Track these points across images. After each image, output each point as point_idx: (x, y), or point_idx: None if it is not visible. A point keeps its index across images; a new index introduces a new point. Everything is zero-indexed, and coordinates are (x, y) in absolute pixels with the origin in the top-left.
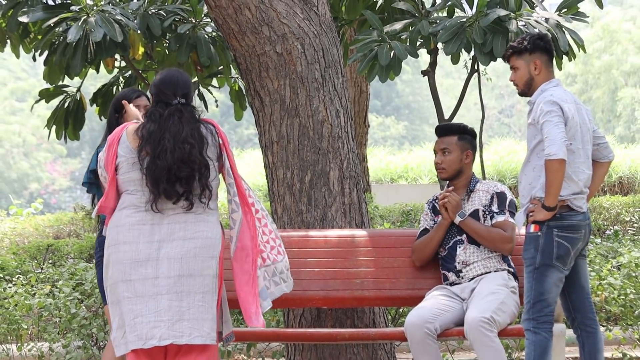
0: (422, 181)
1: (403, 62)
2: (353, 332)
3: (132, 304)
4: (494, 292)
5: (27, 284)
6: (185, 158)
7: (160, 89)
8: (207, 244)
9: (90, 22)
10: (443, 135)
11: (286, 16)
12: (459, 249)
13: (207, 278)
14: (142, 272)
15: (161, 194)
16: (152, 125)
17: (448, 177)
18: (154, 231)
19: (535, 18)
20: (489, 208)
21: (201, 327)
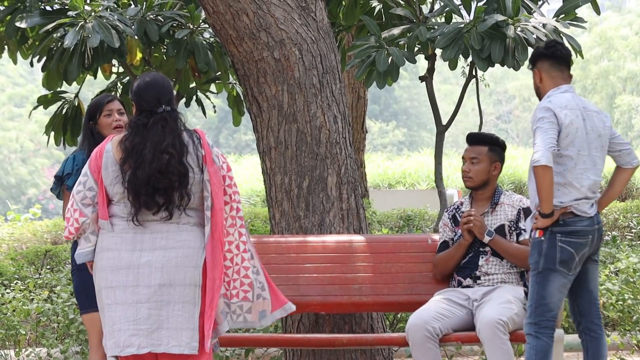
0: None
1: (401, 68)
2: (351, 338)
3: (112, 311)
4: (510, 301)
5: (25, 290)
6: (164, 169)
7: (142, 97)
8: (189, 254)
9: (87, 27)
10: (474, 144)
11: (284, 22)
12: (481, 260)
13: (188, 288)
14: (122, 279)
15: (142, 206)
16: (135, 136)
17: (473, 187)
18: (136, 240)
19: (533, 24)
20: (516, 224)
21: (180, 336)
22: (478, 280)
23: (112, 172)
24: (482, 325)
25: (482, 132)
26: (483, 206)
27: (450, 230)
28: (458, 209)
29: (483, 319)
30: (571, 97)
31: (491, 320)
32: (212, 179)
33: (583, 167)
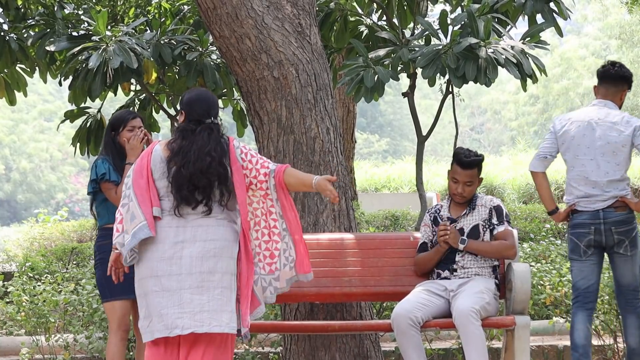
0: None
1: (386, 84)
2: (342, 324)
3: (160, 297)
4: (482, 291)
5: (54, 283)
6: (204, 169)
7: (193, 107)
8: (225, 245)
9: (109, 50)
10: (468, 168)
11: (282, 45)
12: (457, 256)
13: (226, 275)
14: (167, 269)
15: (182, 200)
16: (183, 140)
17: (463, 203)
18: (179, 233)
19: (502, 46)
20: (489, 221)
21: (220, 317)
22: (455, 273)
23: (159, 167)
24: (457, 313)
25: (473, 158)
26: (461, 209)
27: (430, 232)
28: (438, 212)
29: (458, 307)
30: (590, 110)
31: (465, 309)
32: (235, 176)
33: (581, 170)
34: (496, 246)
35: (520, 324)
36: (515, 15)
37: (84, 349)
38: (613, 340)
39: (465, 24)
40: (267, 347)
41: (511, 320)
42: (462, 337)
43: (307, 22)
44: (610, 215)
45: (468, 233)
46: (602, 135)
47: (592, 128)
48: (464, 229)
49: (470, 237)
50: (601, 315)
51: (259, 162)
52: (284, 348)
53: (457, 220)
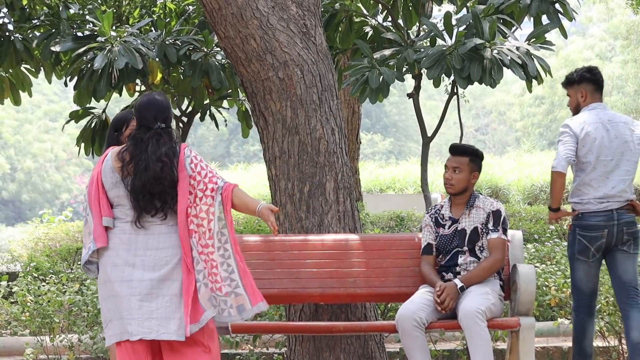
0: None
1: (391, 85)
2: (347, 325)
3: (110, 302)
4: (488, 292)
5: (58, 283)
6: (158, 175)
7: (141, 113)
8: (176, 253)
9: (114, 51)
10: (457, 154)
11: (287, 45)
12: (460, 259)
13: (176, 282)
14: (119, 275)
15: (142, 210)
16: (134, 148)
17: (454, 193)
18: (132, 240)
19: (507, 47)
20: (486, 225)
21: (168, 325)
22: (458, 276)
23: (110, 177)
24: (463, 314)
25: (464, 144)
26: (461, 209)
27: (433, 232)
28: (439, 212)
29: (464, 308)
30: (595, 112)
31: (471, 310)
32: (180, 183)
33: (604, 170)
34: (487, 269)
35: (525, 325)
36: (521, 16)
37: (88, 350)
38: (618, 341)
39: (470, 24)
40: (272, 348)
41: (516, 321)
42: (467, 338)
43: (312, 23)
44: (623, 217)
45: (470, 234)
46: (617, 135)
47: (607, 129)
48: (465, 230)
49: (471, 240)
50: (606, 317)
51: (207, 176)
52: (288, 349)
53: (458, 221)
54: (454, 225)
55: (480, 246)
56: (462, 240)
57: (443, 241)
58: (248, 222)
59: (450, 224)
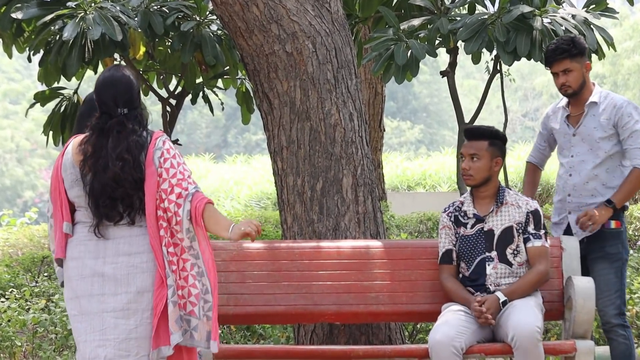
0: (441, 189)
1: (421, 62)
2: (368, 350)
3: (78, 322)
4: (534, 307)
5: (20, 299)
6: (118, 177)
7: (99, 95)
8: (152, 258)
9: (87, 19)
10: (473, 139)
11: (296, 13)
12: (488, 268)
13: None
14: (88, 288)
15: (102, 217)
16: (96, 140)
17: (475, 185)
18: (99, 246)
19: (561, 15)
20: (525, 228)
21: (149, 346)
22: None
23: (70, 174)
24: (518, 332)
25: (481, 126)
26: (487, 205)
27: (453, 235)
28: (459, 210)
29: (518, 326)
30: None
31: (529, 327)
32: (147, 181)
33: None
34: (534, 283)
35: (582, 350)
36: None
37: None
38: None
39: None
40: None
41: (571, 345)
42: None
43: None
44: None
45: (499, 237)
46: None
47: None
48: (493, 231)
49: (502, 242)
50: None
51: (176, 176)
52: None
53: (484, 220)
54: (479, 225)
55: (514, 249)
56: (489, 243)
57: (465, 244)
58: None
59: (474, 222)
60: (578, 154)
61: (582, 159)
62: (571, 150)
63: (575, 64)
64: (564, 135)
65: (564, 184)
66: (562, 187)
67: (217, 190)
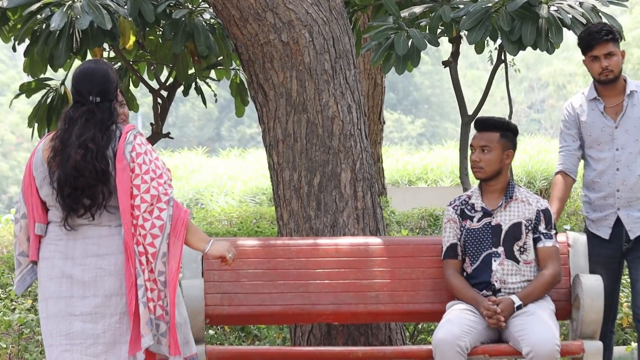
0: (443, 183)
1: (422, 51)
2: (367, 351)
3: (45, 324)
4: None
5: (5, 298)
6: (78, 165)
7: (75, 88)
8: (122, 260)
9: (76, 7)
10: (484, 130)
11: (292, 1)
12: (494, 264)
13: (125, 297)
14: (56, 290)
15: (69, 209)
16: (64, 132)
17: (485, 178)
18: (68, 247)
19: (568, 2)
20: (535, 227)
21: (118, 351)
22: (498, 294)
23: (40, 172)
24: (537, 350)
25: (492, 117)
26: (496, 199)
27: (458, 229)
28: (466, 203)
29: (537, 343)
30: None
31: (549, 346)
32: (118, 176)
33: None
34: (548, 285)
35: (591, 351)
36: None
37: None
38: None
39: None
40: None
41: (579, 346)
42: None
43: None
44: None
45: (506, 232)
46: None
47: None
48: (501, 226)
49: (509, 238)
50: None
51: (149, 173)
52: None
53: (492, 214)
54: (486, 219)
55: (521, 247)
56: (496, 238)
57: (470, 237)
58: (244, 221)
59: (482, 216)
60: (624, 146)
61: (630, 151)
62: (614, 143)
63: (616, 49)
64: (602, 128)
65: (609, 179)
66: (608, 183)
67: (211, 186)
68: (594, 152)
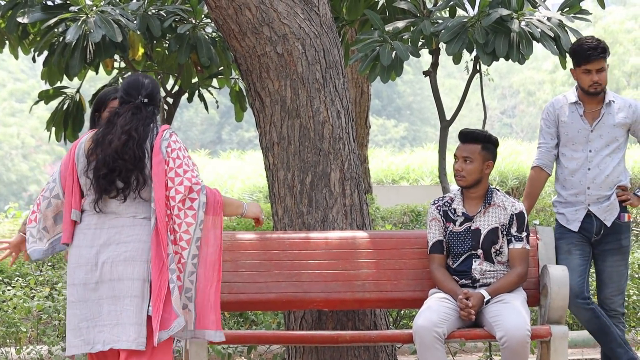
0: (424, 182)
1: (405, 62)
2: (354, 335)
3: (76, 308)
4: (522, 303)
5: (26, 287)
6: (119, 149)
7: (125, 91)
8: (139, 247)
9: (89, 22)
10: (467, 142)
11: (287, 16)
12: (474, 263)
13: (137, 282)
14: (83, 276)
15: (102, 191)
16: (106, 127)
17: (466, 186)
18: (95, 235)
19: (537, 17)
20: (508, 229)
21: (128, 331)
22: (476, 283)
23: (81, 163)
24: (509, 335)
25: (475, 130)
26: (475, 205)
27: (442, 227)
28: (449, 206)
29: (510, 329)
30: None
31: (521, 332)
32: (154, 169)
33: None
34: (514, 283)
35: (557, 335)
36: None
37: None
38: None
39: None
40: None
41: (547, 330)
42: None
43: None
44: None
45: (485, 236)
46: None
47: None
48: (480, 230)
49: (487, 242)
50: None
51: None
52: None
53: (472, 219)
54: (467, 224)
55: (497, 249)
56: (475, 242)
57: (453, 240)
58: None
59: (463, 220)
60: (596, 149)
61: (601, 154)
62: (588, 145)
63: (606, 65)
64: (579, 130)
65: (581, 177)
66: (579, 181)
67: (212, 184)
68: (568, 150)
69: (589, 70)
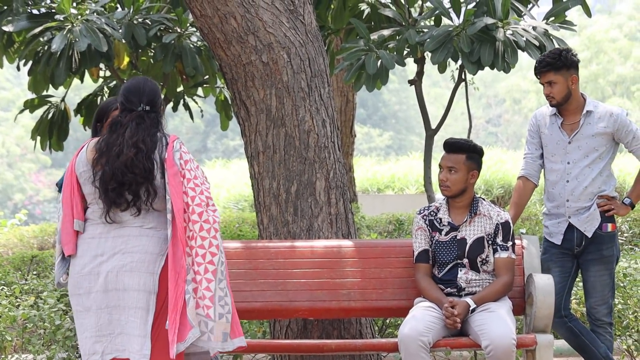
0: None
1: (390, 71)
2: (340, 343)
3: (81, 318)
4: (508, 312)
5: (11, 296)
6: (129, 163)
7: (126, 97)
8: (145, 259)
9: (74, 31)
10: (451, 152)
11: (272, 25)
12: (460, 272)
13: (142, 294)
14: (87, 286)
15: (111, 203)
16: (110, 135)
17: (451, 196)
18: (100, 245)
19: (522, 26)
20: (494, 239)
21: (132, 342)
22: (462, 292)
23: (83, 172)
24: (495, 344)
25: (459, 139)
26: (461, 215)
27: (429, 236)
28: (435, 215)
29: (496, 338)
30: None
31: (506, 341)
32: (171, 180)
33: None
34: (500, 292)
35: (543, 344)
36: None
37: None
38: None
39: (480, 2)
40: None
41: (532, 339)
42: None
43: (300, 0)
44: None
45: (471, 245)
46: None
47: None
48: (466, 240)
49: (473, 251)
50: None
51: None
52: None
53: (458, 229)
54: (453, 233)
55: (484, 259)
56: (461, 251)
57: (439, 249)
58: (227, 225)
59: (449, 230)
60: (574, 160)
61: (579, 166)
62: (567, 157)
63: (559, 77)
64: (557, 142)
65: (560, 190)
66: (559, 194)
67: None
68: (549, 163)
69: (542, 83)
